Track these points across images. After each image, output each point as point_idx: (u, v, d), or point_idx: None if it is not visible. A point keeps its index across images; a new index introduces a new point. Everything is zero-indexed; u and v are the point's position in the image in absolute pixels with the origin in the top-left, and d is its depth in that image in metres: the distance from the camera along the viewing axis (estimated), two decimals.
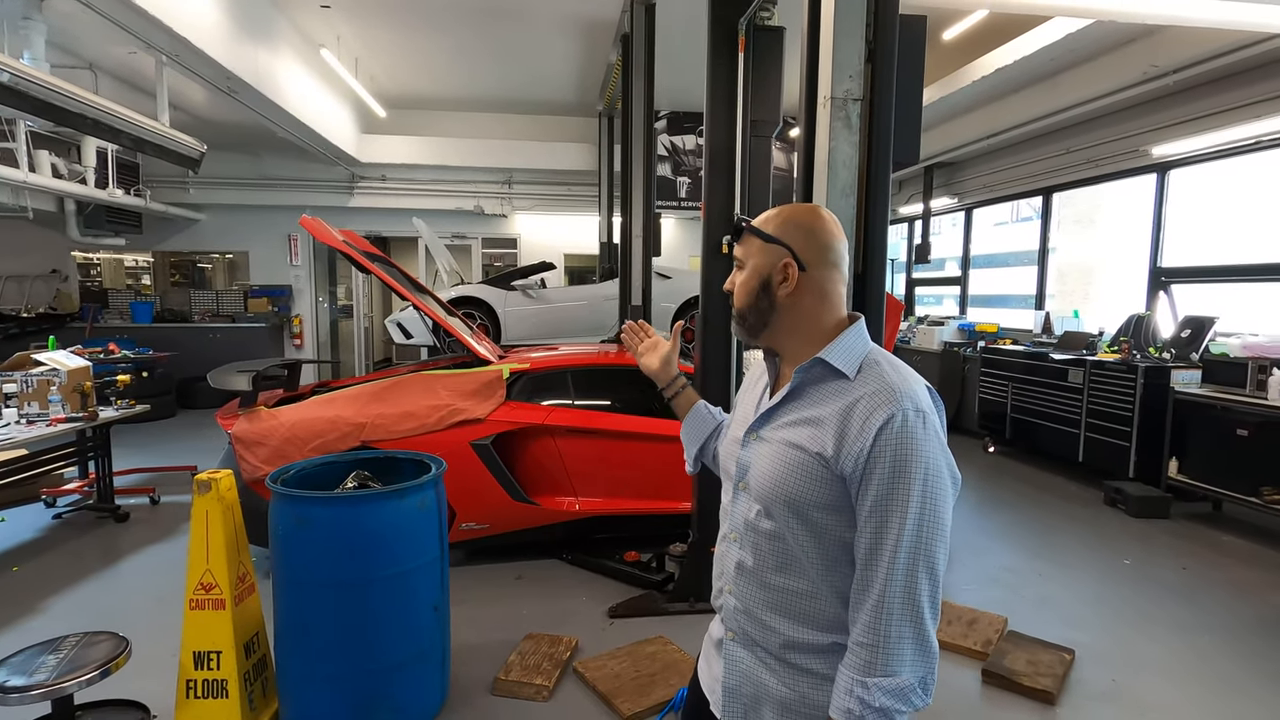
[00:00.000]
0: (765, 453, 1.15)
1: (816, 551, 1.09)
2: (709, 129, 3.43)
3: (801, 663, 1.11)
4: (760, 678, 1.15)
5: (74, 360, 4.61)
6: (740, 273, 1.20)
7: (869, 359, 1.11)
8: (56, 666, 2.09)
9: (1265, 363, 4.65)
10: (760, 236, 1.16)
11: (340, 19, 6.54)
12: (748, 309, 1.18)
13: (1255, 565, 4.16)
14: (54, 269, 9.45)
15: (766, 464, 1.14)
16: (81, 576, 3.81)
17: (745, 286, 1.18)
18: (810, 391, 1.13)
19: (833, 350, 1.11)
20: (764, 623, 1.14)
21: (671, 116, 9.23)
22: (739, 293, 1.19)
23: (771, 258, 1.15)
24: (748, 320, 1.19)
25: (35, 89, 4.09)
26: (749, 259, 1.18)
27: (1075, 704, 2.75)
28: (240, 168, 9.69)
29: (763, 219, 1.19)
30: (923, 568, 1.00)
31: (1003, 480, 6.04)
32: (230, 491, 2.44)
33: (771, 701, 1.14)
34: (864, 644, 1.01)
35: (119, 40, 4.94)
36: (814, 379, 1.13)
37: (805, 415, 1.11)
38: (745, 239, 1.19)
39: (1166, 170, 6.18)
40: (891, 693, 0.99)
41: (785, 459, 1.11)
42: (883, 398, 1.03)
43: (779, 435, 1.14)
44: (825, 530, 1.08)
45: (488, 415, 3.81)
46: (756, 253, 1.16)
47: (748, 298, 1.18)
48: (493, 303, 7.49)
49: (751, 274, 1.17)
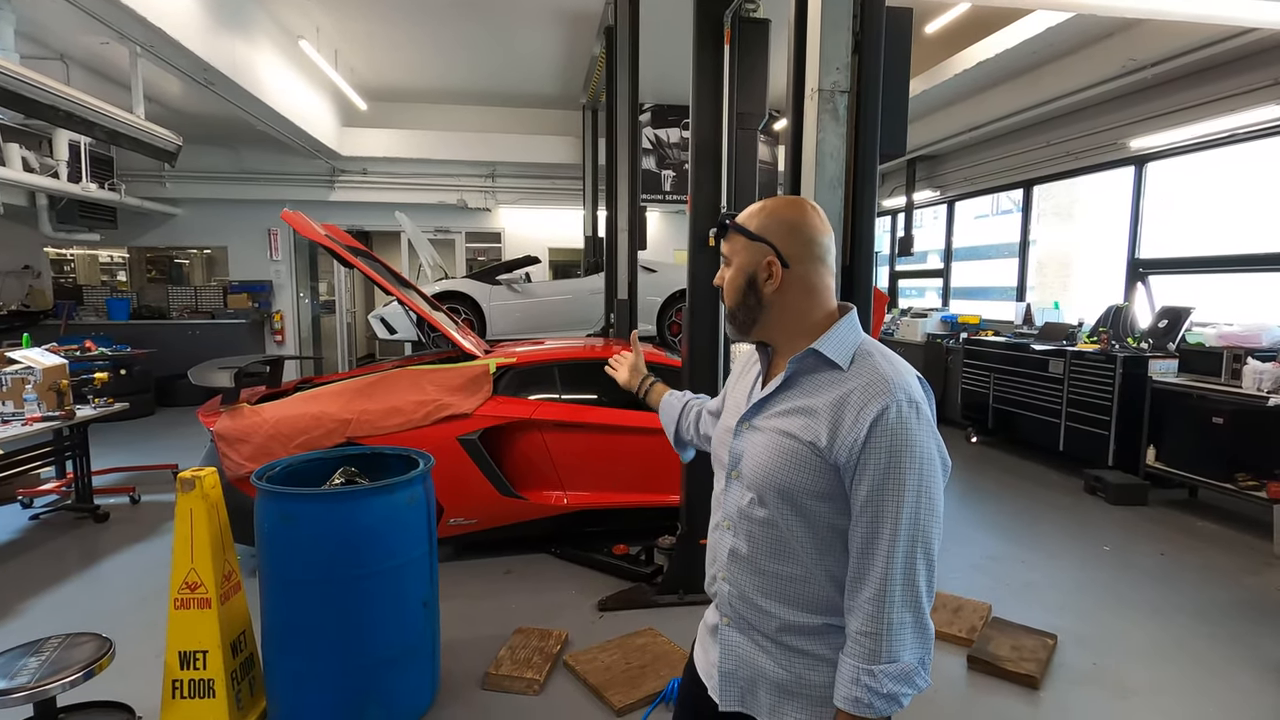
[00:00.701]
0: (758, 441, 1.16)
1: (809, 537, 1.11)
2: (694, 122, 3.43)
3: (797, 644, 1.13)
4: (756, 661, 1.17)
5: (49, 358, 4.52)
6: (728, 270, 1.20)
7: (861, 349, 1.12)
8: (39, 669, 2.06)
9: (1239, 352, 4.75)
10: (744, 234, 1.16)
11: (319, 10, 6.44)
12: (736, 307, 1.19)
13: (1230, 550, 4.26)
14: (26, 265, 9.25)
15: (760, 453, 1.15)
16: (62, 577, 3.75)
17: (732, 285, 1.18)
18: (803, 382, 1.14)
19: (825, 341, 1.12)
20: (759, 607, 1.16)
21: (656, 109, 9.21)
22: (727, 291, 1.20)
23: (756, 255, 1.15)
24: (737, 318, 1.20)
25: (3, 80, 3.99)
26: (735, 256, 1.18)
27: (1058, 687, 2.81)
28: (218, 161, 9.53)
29: (746, 215, 1.19)
30: (920, 554, 1.02)
31: (985, 470, 6.12)
32: (214, 489, 2.41)
33: (768, 683, 1.16)
34: (867, 633, 1.03)
35: (91, 30, 4.82)
36: (807, 369, 1.14)
37: (798, 405, 1.12)
38: (731, 235, 1.19)
39: (1144, 163, 6.27)
40: (897, 678, 1.01)
41: (778, 448, 1.12)
42: (876, 389, 1.05)
43: (772, 424, 1.15)
44: (817, 517, 1.10)
45: (474, 410, 3.79)
46: (741, 250, 1.17)
47: (735, 296, 1.18)
48: (477, 297, 7.45)
49: (737, 272, 1.17)
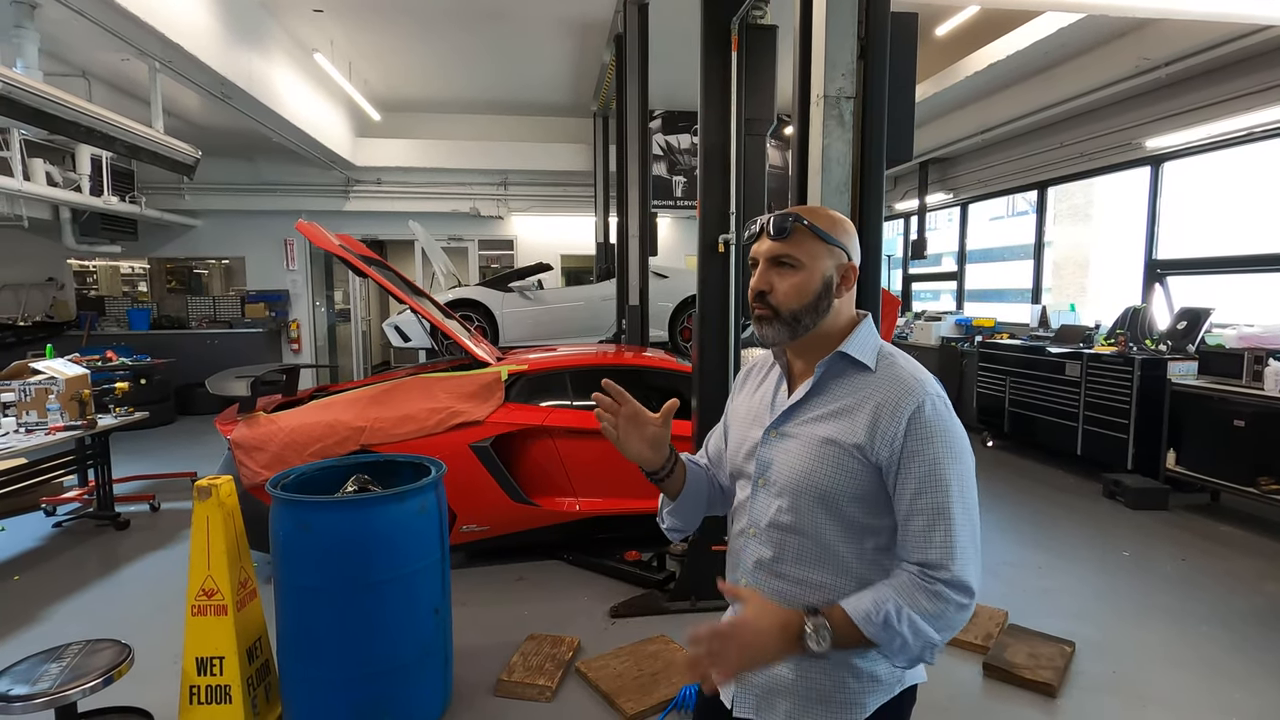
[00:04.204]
0: (791, 448, 1.16)
1: (842, 541, 1.12)
2: (703, 128, 3.44)
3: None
4: (775, 669, 1.17)
5: (72, 368, 4.60)
6: (789, 272, 1.14)
7: (883, 351, 1.16)
8: (59, 675, 2.09)
9: (1261, 353, 4.67)
10: (821, 237, 1.14)
11: (333, 23, 6.54)
12: (803, 310, 1.14)
13: (1253, 555, 4.18)
14: (50, 277, 9.44)
15: (794, 459, 1.15)
16: (82, 584, 3.81)
17: (805, 288, 1.13)
18: (832, 385, 1.16)
19: (851, 344, 1.15)
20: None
21: (666, 116, 9.24)
22: (791, 294, 1.13)
23: (833, 259, 1.15)
24: (802, 322, 1.14)
25: (29, 97, 4.09)
26: (807, 259, 1.14)
27: (1076, 696, 2.76)
28: (235, 173, 9.68)
29: (811, 217, 1.16)
30: (971, 522, 1.08)
31: (1001, 474, 6.05)
32: (230, 497, 2.44)
33: (785, 691, 1.16)
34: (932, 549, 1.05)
35: (111, 47, 4.93)
36: (836, 373, 1.16)
37: (833, 409, 1.14)
38: (799, 238, 1.14)
39: (1160, 163, 6.20)
40: (959, 587, 1.03)
41: (816, 453, 1.13)
42: (907, 386, 1.09)
43: (807, 431, 1.15)
44: (851, 519, 1.11)
45: (487, 417, 3.81)
46: (821, 254, 1.14)
47: (806, 299, 1.13)
48: (490, 305, 7.49)
49: (812, 275, 1.14)
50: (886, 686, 1.15)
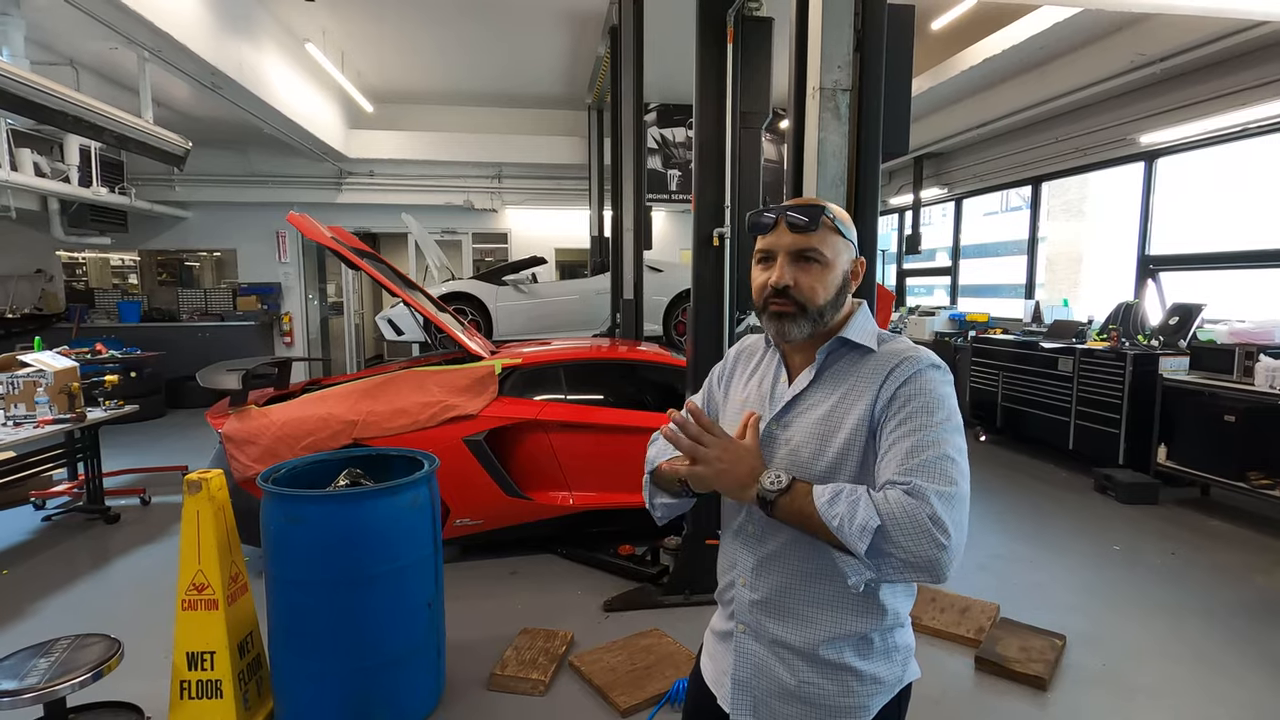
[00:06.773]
0: (795, 439, 1.15)
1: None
2: (698, 121, 3.42)
3: (823, 653, 1.13)
4: (772, 669, 1.17)
5: (61, 361, 4.56)
6: (816, 266, 1.12)
7: (881, 335, 1.18)
8: (48, 669, 2.08)
9: (1251, 349, 4.70)
10: (841, 232, 1.15)
11: (325, 12, 6.47)
12: (828, 305, 1.13)
13: (1242, 549, 4.21)
14: (38, 269, 9.34)
15: (800, 449, 1.14)
16: (72, 579, 3.78)
17: (830, 283, 1.13)
18: (835, 371, 1.16)
19: (851, 329, 1.16)
20: (782, 609, 1.15)
21: (661, 109, 9.20)
22: (819, 288, 1.12)
23: (849, 253, 1.16)
24: (825, 316, 1.13)
25: (15, 86, 4.03)
26: (830, 254, 1.13)
27: (1067, 689, 2.78)
28: (226, 164, 9.59)
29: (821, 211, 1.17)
30: (962, 473, 1.04)
31: (994, 468, 6.08)
32: (221, 491, 2.43)
33: (782, 692, 1.16)
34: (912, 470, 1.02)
35: (99, 36, 4.86)
36: (837, 358, 1.17)
37: (837, 394, 1.14)
38: (820, 232, 1.13)
39: (1154, 158, 6.21)
40: (944, 497, 1.00)
41: (820, 443, 1.12)
42: (906, 355, 1.11)
43: (810, 419, 1.14)
44: None
45: (480, 411, 3.80)
46: (841, 248, 1.15)
47: (831, 294, 1.13)
48: (484, 298, 7.46)
49: (836, 270, 1.14)
50: (888, 687, 1.15)
